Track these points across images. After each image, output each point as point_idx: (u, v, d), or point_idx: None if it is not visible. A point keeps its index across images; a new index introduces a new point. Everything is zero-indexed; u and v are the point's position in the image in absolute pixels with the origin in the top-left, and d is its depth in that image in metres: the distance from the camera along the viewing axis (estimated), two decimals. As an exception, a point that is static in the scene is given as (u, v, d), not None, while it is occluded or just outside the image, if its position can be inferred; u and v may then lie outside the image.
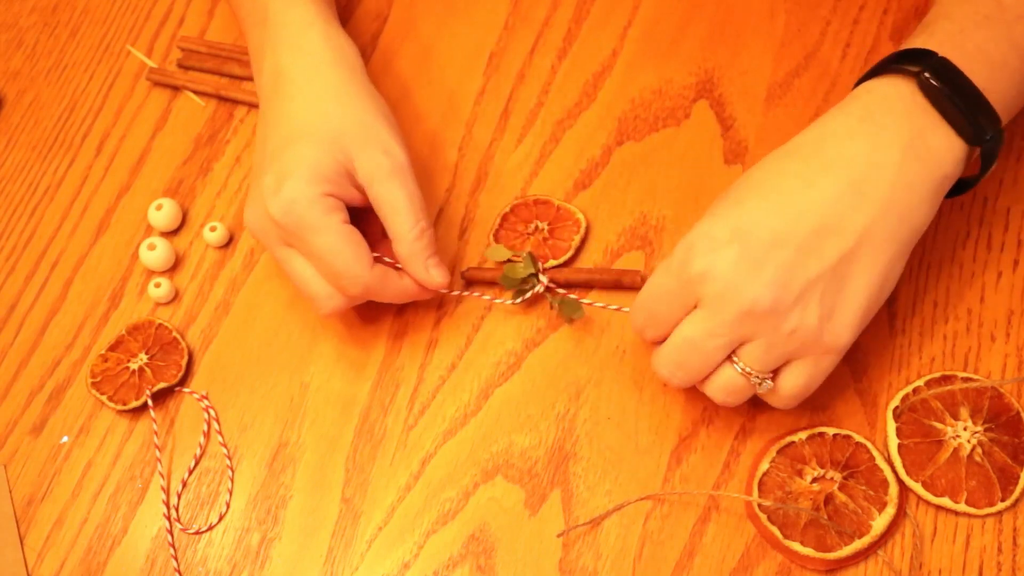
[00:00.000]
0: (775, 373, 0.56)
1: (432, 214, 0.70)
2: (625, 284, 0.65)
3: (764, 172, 0.56)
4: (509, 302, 0.65)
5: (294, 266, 0.61)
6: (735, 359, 0.55)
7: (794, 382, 0.56)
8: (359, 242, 0.59)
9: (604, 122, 0.72)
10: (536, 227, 0.68)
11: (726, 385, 0.56)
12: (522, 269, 0.65)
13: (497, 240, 0.68)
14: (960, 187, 0.59)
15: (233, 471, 0.64)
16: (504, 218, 0.68)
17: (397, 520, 0.62)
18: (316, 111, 0.61)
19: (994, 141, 0.56)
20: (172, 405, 0.66)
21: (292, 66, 0.63)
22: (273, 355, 0.67)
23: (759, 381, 0.56)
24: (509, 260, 0.66)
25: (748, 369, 0.55)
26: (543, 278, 0.65)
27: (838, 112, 0.57)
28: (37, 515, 0.64)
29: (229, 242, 0.70)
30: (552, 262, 0.66)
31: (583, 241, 0.67)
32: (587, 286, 0.66)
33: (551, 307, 0.65)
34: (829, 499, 0.59)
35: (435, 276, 0.61)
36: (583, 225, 0.67)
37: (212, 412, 0.65)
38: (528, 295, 0.65)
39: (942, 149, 0.55)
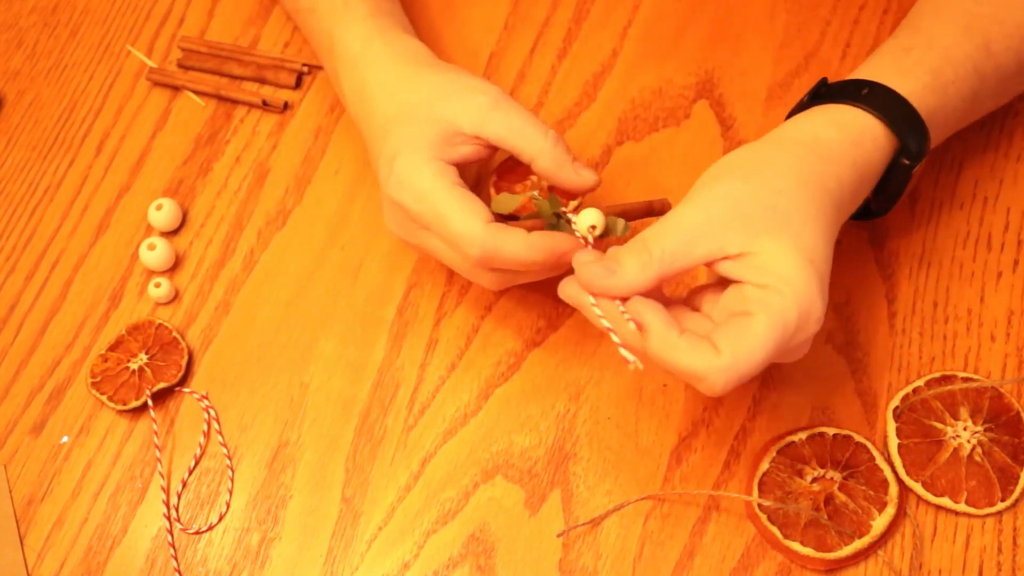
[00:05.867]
0: None
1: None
2: (656, 211, 0.61)
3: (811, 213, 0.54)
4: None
5: (434, 245, 0.59)
6: None
7: None
8: (471, 199, 0.57)
9: (604, 122, 0.72)
10: (534, 181, 0.65)
11: None
12: (548, 206, 0.59)
13: (498, 191, 0.64)
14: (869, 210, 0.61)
15: (233, 471, 0.64)
16: (500, 170, 0.65)
17: (397, 520, 0.62)
18: (402, 101, 0.61)
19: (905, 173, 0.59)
20: (172, 405, 0.66)
21: (369, 82, 0.63)
22: (273, 355, 0.67)
23: None
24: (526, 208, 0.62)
25: None
26: (572, 216, 0.58)
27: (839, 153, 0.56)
28: (37, 515, 0.64)
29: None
30: (572, 204, 0.63)
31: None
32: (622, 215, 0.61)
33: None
34: (829, 499, 0.59)
35: (586, 177, 0.59)
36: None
37: (212, 412, 0.65)
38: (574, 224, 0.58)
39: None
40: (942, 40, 0.60)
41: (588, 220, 0.56)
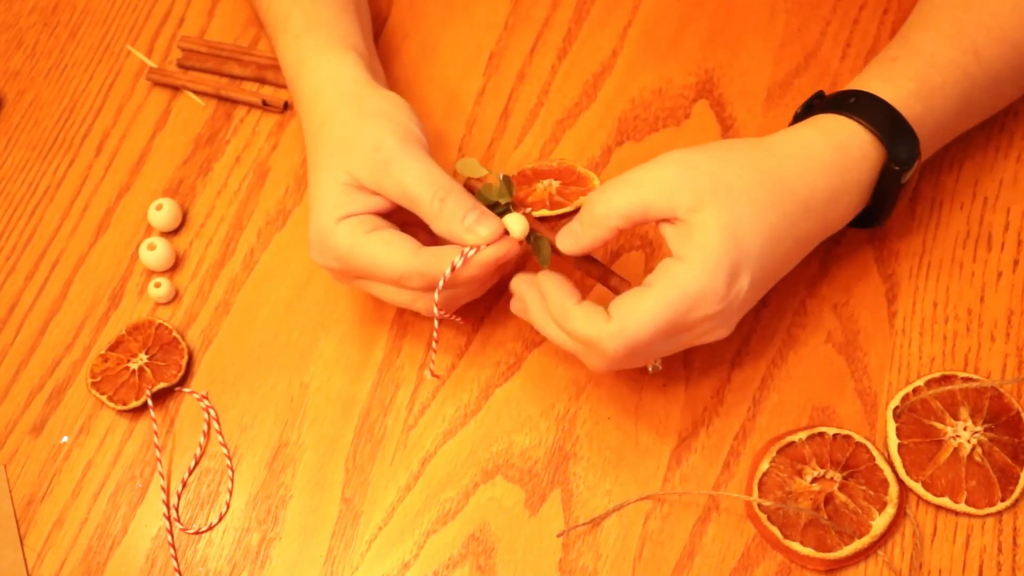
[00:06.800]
0: None
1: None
2: (611, 285, 0.58)
3: (762, 219, 0.55)
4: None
5: (372, 289, 0.60)
6: None
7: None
8: (391, 239, 0.57)
9: (604, 122, 0.72)
10: (548, 184, 0.68)
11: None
12: (496, 192, 0.60)
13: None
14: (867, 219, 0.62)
15: (233, 471, 0.64)
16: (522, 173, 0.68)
17: (397, 520, 0.62)
18: (316, 145, 0.61)
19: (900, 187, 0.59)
20: (172, 405, 0.66)
21: (299, 113, 0.64)
22: (273, 355, 0.67)
23: (656, 363, 0.58)
24: (482, 180, 0.61)
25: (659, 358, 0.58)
26: (516, 208, 0.59)
27: (814, 156, 0.57)
28: (37, 515, 0.64)
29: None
30: (543, 211, 0.66)
31: None
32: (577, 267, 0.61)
33: (528, 241, 0.59)
34: (829, 499, 0.59)
35: (479, 232, 0.56)
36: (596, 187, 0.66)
37: (212, 412, 0.65)
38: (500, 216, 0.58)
39: (859, 199, 0.59)
40: (928, 47, 0.60)
41: (509, 225, 0.57)
